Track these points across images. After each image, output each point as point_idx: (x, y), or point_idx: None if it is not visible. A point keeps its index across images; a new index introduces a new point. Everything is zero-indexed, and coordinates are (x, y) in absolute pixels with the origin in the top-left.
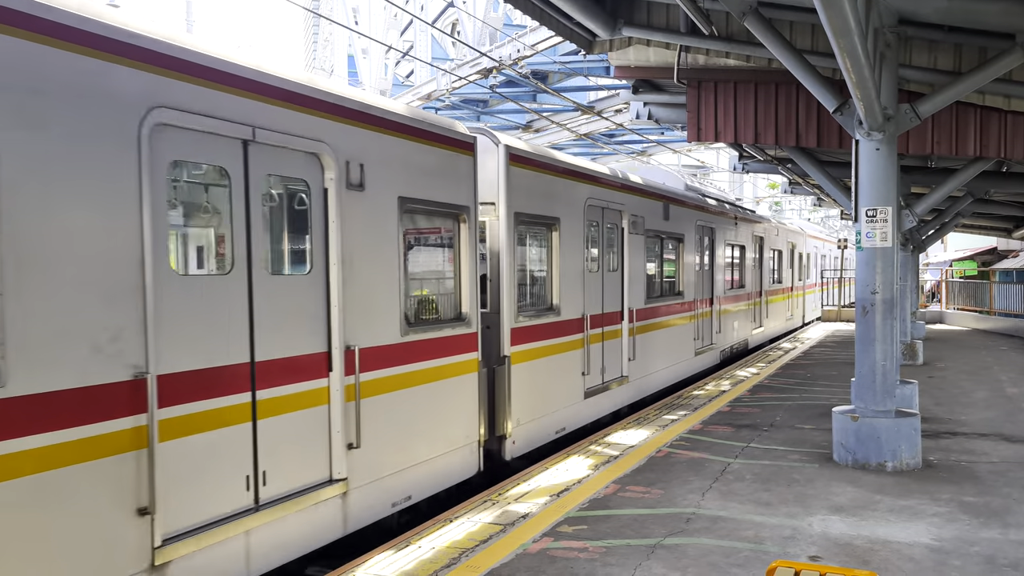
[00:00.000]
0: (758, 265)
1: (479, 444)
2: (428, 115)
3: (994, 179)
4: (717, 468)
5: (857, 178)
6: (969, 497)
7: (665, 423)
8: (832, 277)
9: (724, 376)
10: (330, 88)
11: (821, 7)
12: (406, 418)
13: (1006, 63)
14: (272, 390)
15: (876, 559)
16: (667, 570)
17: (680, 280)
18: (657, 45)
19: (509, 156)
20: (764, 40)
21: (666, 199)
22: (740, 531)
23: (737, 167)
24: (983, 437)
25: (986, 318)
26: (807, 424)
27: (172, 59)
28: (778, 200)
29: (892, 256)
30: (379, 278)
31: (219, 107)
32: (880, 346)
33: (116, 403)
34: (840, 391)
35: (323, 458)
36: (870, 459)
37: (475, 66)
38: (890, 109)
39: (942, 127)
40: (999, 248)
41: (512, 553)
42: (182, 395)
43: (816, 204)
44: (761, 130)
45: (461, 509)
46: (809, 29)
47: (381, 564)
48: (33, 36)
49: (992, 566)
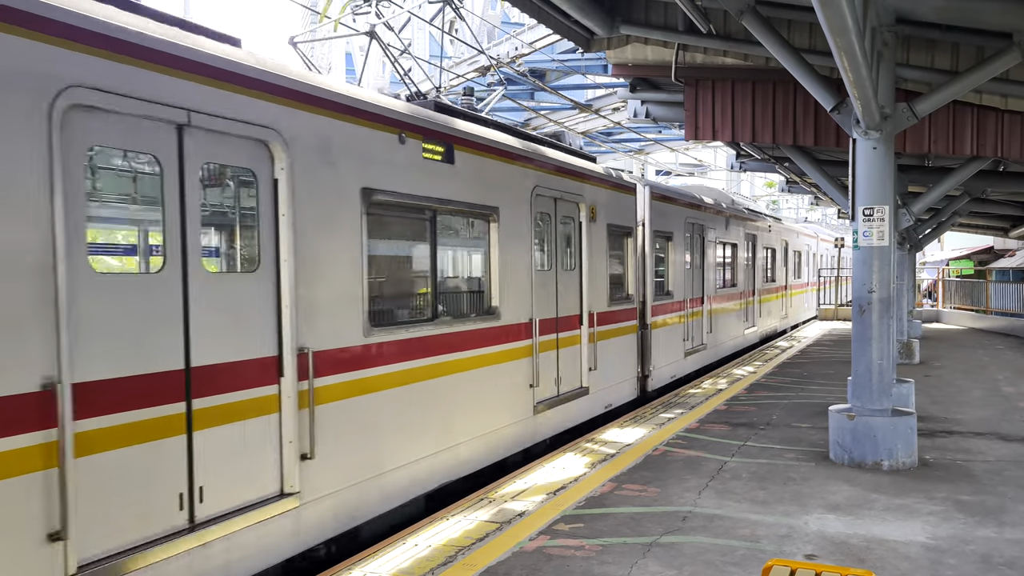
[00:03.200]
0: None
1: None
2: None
3: (991, 178)
4: (713, 466)
5: (854, 177)
6: (965, 496)
7: (662, 421)
8: (829, 276)
9: (721, 374)
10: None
11: (819, 6)
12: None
13: (1003, 62)
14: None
15: (872, 558)
16: (663, 568)
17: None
18: (655, 43)
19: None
20: (762, 39)
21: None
22: (736, 529)
23: (734, 166)
24: (979, 436)
25: (982, 317)
26: (803, 423)
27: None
28: (775, 199)
29: (889, 255)
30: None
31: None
32: (877, 345)
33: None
34: (837, 390)
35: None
36: (866, 458)
37: (473, 64)
38: (887, 108)
39: (939, 126)
40: (996, 247)
41: (508, 551)
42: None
43: (813, 203)
44: (758, 129)
45: (457, 507)
46: (807, 28)
47: (377, 562)
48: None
49: (987, 565)
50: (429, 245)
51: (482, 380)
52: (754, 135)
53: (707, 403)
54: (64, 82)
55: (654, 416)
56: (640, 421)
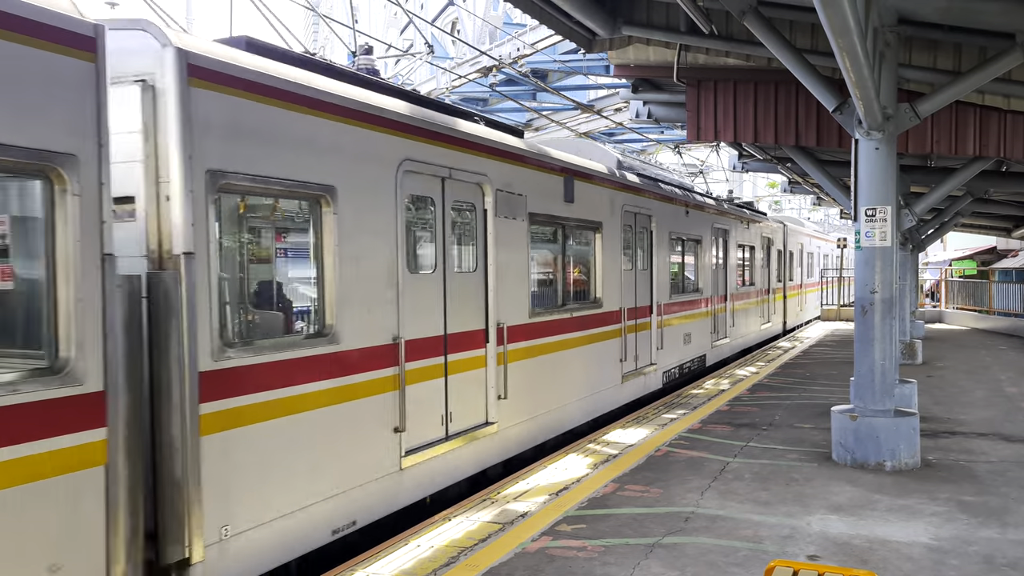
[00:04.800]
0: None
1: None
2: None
3: (993, 178)
4: (716, 467)
5: (856, 177)
6: (968, 497)
7: (664, 422)
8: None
9: (723, 375)
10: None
11: (821, 6)
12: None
13: (1006, 63)
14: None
15: (874, 558)
16: (665, 569)
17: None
18: (657, 44)
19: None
20: (764, 39)
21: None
22: (739, 530)
23: (736, 166)
24: (982, 437)
25: (985, 317)
26: (806, 423)
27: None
28: (778, 199)
29: (891, 255)
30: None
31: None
32: (879, 345)
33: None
34: (839, 390)
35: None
36: (869, 458)
37: (475, 65)
38: (889, 108)
39: (941, 127)
40: (998, 247)
41: (511, 552)
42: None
43: (815, 203)
44: (761, 129)
45: (460, 508)
46: (809, 28)
47: (380, 563)
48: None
49: (990, 565)
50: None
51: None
52: (756, 136)
53: (709, 403)
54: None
55: (656, 417)
56: (642, 422)
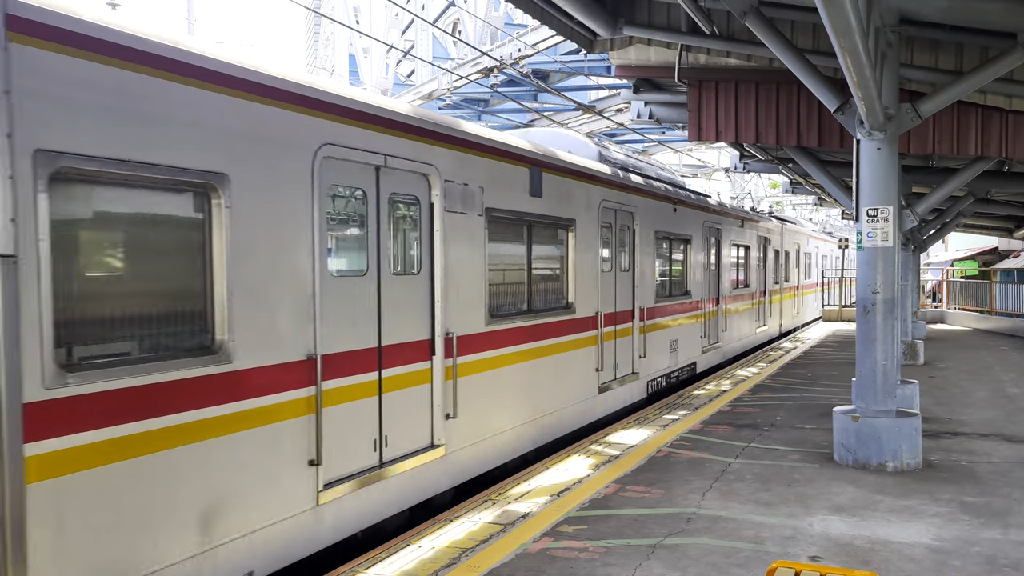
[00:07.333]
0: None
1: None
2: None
3: (995, 179)
4: (718, 468)
5: (858, 178)
6: (970, 497)
7: (666, 423)
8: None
9: (724, 376)
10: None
11: (822, 6)
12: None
13: (1007, 63)
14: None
15: (876, 559)
16: (667, 570)
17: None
18: (658, 44)
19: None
20: (765, 40)
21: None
22: (740, 531)
23: (738, 167)
24: (984, 437)
25: (987, 318)
26: (808, 424)
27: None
28: (779, 200)
29: (893, 256)
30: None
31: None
32: (881, 346)
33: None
34: (841, 391)
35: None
36: (871, 459)
37: (476, 65)
38: (891, 109)
39: (943, 127)
40: (1000, 248)
41: (512, 553)
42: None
43: (817, 204)
44: (762, 130)
45: (461, 508)
46: (810, 28)
47: (381, 564)
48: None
49: (992, 566)
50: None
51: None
52: (757, 136)
53: (711, 404)
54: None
55: (658, 418)
56: (644, 423)
